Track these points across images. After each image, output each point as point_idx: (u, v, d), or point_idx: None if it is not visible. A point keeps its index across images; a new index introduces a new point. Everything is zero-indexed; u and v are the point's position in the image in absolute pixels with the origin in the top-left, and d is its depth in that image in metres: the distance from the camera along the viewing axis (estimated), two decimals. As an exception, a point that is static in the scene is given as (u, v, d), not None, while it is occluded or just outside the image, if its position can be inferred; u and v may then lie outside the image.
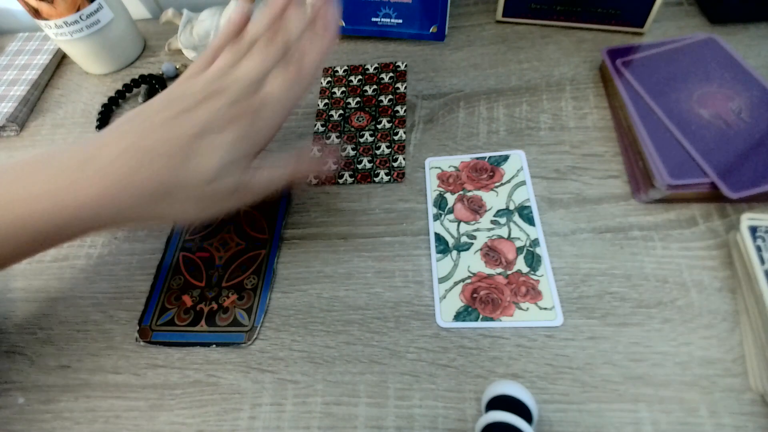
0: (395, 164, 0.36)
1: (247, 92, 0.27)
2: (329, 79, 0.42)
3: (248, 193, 0.28)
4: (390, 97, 0.40)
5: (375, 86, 0.41)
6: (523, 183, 0.33)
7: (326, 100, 0.40)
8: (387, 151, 0.36)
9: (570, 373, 0.26)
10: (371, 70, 0.42)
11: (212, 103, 0.26)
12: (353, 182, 0.35)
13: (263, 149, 0.28)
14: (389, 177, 0.35)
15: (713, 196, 0.29)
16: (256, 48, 0.28)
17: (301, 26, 0.28)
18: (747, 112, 0.31)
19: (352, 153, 0.37)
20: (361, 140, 0.37)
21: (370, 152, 0.37)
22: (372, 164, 0.36)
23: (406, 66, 0.42)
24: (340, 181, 0.35)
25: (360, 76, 0.42)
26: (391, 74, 0.41)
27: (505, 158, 0.34)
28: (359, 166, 0.36)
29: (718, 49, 0.35)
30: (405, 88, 0.40)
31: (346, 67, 0.42)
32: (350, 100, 0.40)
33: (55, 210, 0.24)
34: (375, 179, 0.35)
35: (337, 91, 0.41)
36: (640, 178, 0.31)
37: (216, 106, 0.26)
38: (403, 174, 0.35)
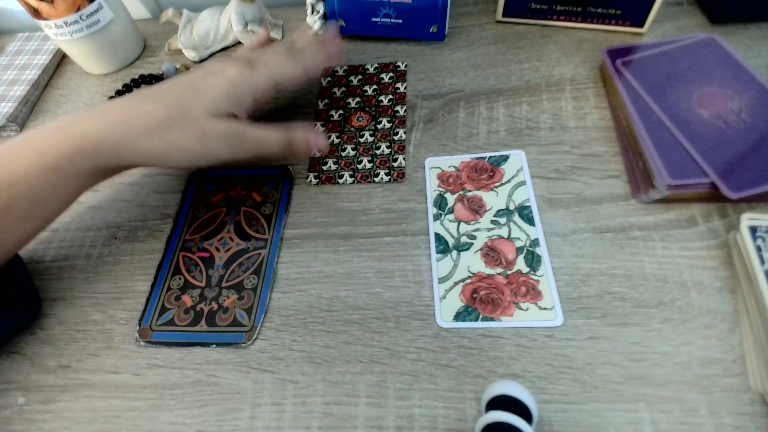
0: (395, 164, 0.36)
1: (248, 59, 0.32)
2: (329, 79, 0.42)
3: (241, 143, 0.31)
4: (390, 97, 0.40)
5: (375, 86, 0.41)
6: (523, 183, 0.33)
7: (326, 100, 0.40)
8: (387, 151, 0.36)
9: (570, 373, 0.26)
10: (371, 70, 0.42)
11: (219, 65, 0.32)
12: (353, 182, 0.35)
13: (252, 103, 0.32)
14: (389, 177, 0.35)
15: (713, 196, 0.29)
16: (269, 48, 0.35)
17: (308, 41, 0.36)
18: (747, 112, 0.31)
19: (352, 153, 0.37)
20: (361, 140, 0.37)
21: (370, 152, 0.36)
22: (372, 164, 0.36)
23: (406, 66, 0.42)
24: (341, 181, 0.35)
25: (360, 76, 0.41)
26: (391, 74, 0.41)
27: (505, 158, 0.34)
28: (359, 166, 0.36)
29: (718, 49, 0.35)
30: (405, 88, 0.40)
31: (346, 67, 0.42)
32: (350, 100, 0.40)
33: (64, 140, 0.28)
34: (375, 179, 0.35)
35: (337, 91, 0.41)
36: (640, 178, 0.31)
37: (221, 64, 0.32)
38: (403, 174, 0.35)
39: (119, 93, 0.44)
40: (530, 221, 0.31)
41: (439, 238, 0.32)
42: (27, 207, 0.28)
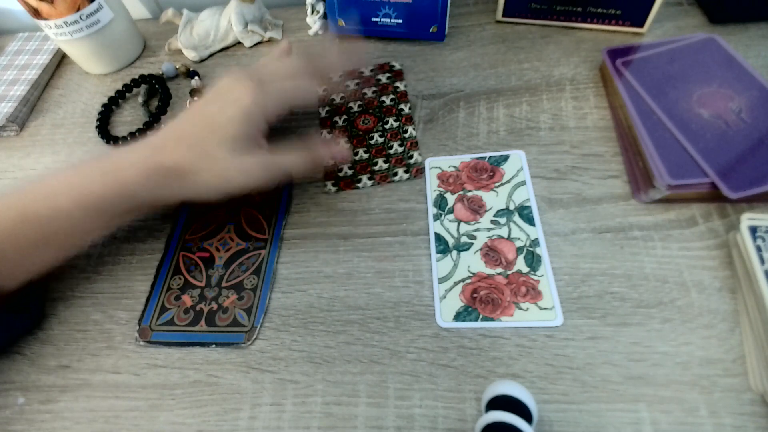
0: (411, 161, 0.35)
1: (262, 79, 0.32)
2: (324, 86, 0.42)
3: (267, 173, 0.31)
4: (392, 96, 0.40)
5: (374, 88, 0.41)
6: (523, 183, 0.33)
7: (327, 107, 0.40)
8: (400, 149, 0.36)
9: (570, 373, 0.26)
10: (367, 73, 0.42)
11: (235, 89, 0.31)
12: (373, 184, 0.35)
13: (266, 126, 0.32)
14: (408, 174, 0.35)
15: (713, 196, 0.29)
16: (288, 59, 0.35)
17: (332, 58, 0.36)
18: (747, 112, 0.31)
19: (365, 156, 0.37)
20: (372, 142, 0.37)
21: (384, 152, 0.36)
22: (388, 164, 0.36)
23: (401, 65, 0.42)
24: (359, 185, 0.35)
25: (357, 80, 0.41)
26: (387, 74, 0.41)
27: (505, 158, 0.34)
28: (375, 168, 0.36)
29: (718, 49, 0.35)
30: (405, 86, 0.40)
31: (340, 73, 0.42)
32: (352, 104, 0.40)
33: (105, 186, 0.29)
34: (394, 179, 0.35)
35: (336, 98, 0.41)
36: (640, 178, 0.31)
37: (236, 88, 0.31)
38: (422, 170, 0.35)
39: (119, 93, 0.44)
40: (530, 221, 0.31)
41: (439, 238, 0.32)
42: (64, 240, 0.30)
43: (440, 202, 0.33)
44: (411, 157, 0.36)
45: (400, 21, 0.42)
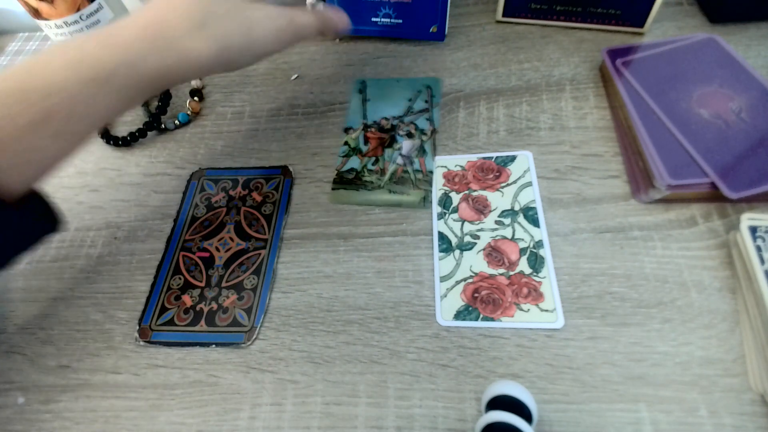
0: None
1: None
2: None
3: (289, 29, 0.30)
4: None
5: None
6: (529, 184, 0.33)
7: None
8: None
9: (570, 373, 0.26)
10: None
11: None
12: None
13: None
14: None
15: (713, 196, 0.29)
16: None
17: None
18: (747, 112, 0.31)
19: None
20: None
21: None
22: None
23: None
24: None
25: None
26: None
27: (512, 159, 0.34)
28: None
29: (718, 49, 0.35)
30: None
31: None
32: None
33: (104, 50, 0.26)
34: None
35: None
36: (640, 178, 0.31)
37: None
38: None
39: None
40: (535, 222, 0.31)
41: (442, 236, 0.32)
42: (63, 122, 0.26)
43: (445, 201, 0.33)
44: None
45: (400, 21, 0.42)
